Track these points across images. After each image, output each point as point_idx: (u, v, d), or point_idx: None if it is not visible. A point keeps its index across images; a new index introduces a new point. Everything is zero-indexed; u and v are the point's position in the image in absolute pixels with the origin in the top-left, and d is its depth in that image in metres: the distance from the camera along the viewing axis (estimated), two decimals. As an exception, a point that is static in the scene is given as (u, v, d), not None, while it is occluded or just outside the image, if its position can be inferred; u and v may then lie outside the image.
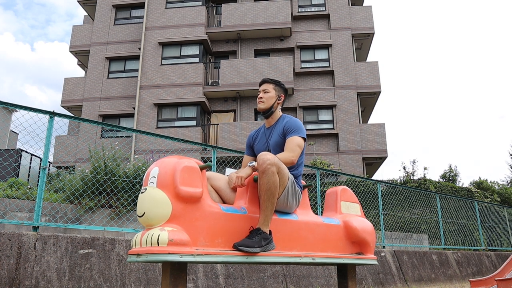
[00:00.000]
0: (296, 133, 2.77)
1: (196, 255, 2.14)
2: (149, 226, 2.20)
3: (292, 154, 2.67)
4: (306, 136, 2.91)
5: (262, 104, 2.90)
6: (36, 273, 3.44)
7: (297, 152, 2.70)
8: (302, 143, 2.76)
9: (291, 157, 2.66)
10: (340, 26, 18.60)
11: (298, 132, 2.77)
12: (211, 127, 17.56)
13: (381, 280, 6.47)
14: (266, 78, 3.02)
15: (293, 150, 2.69)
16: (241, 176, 2.51)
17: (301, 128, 2.81)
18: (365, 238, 3.00)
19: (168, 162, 2.29)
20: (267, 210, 2.43)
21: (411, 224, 10.47)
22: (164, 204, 2.16)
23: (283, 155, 2.64)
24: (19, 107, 4.03)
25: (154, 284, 4.05)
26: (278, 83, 2.98)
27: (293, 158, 2.67)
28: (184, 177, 2.22)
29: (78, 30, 19.72)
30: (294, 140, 2.73)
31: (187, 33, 18.08)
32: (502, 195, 15.98)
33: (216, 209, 2.35)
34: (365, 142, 16.94)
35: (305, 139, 2.82)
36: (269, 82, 2.96)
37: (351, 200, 3.29)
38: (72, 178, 7.01)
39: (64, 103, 18.50)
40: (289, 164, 2.65)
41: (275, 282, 5.02)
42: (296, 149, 2.70)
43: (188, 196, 2.21)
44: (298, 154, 2.70)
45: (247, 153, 3.07)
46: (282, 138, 2.82)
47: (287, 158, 2.63)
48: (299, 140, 2.75)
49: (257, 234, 2.39)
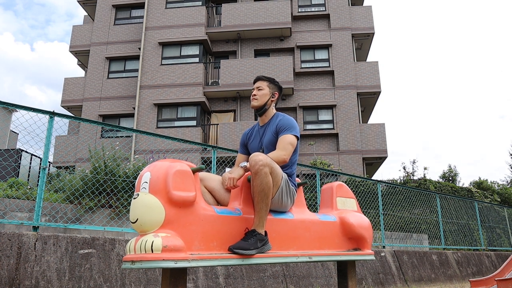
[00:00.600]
0: (288, 131, 2.73)
1: (191, 260, 2.11)
2: (142, 232, 2.16)
3: (284, 152, 2.63)
4: (300, 135, 2.88)
5: (256, 102, 2.88)
6: (36, 273, 3.44)
7: (289, 151, 2.66)
8: (294, 141, 2.72)
9: (283, 155, 2.62)
10: (340, 26, 18.60)
11: (290, 130, 2.74)
12: (211, 127, 17.56)
13: (381, 280, 6.47)
14: (260, 75, 2.99)
15: (285, 149, 2.65)
16: (233, 177, 2.49)
17: (294, 126, 2.77)
18: (362, 233, 2.98)
19: (160, 167, 2.24)
20: (262, 211, 2.40)
21: (411, 224, 10.47)
22: (157, 209, 2.13)
23: (274, 154, 2.61)
24: (19, 107, 4.03)
25: (154, 284, 4.05)
26: (272, 80, 2.95)
27: (285, 157, 2.63)
28: (176, 181, 2.18)
29: (78, 30, 19.72)
30: (286, 138, 2.70)
31: (187, 33, 18.08)
32: (502, 195, 15.97)
33: (210, 212, 2.32)
34: (365, 142, 16.94)
35: (298, 137, 2.78)
36: (263, 79, 2.93)
37: (347, 195, 3.26)
38: (72, 178, 7.01)
39: (64, 103, 18.50)
40: (281, 163, 2.62)
41: (275, 282, 5.02)
42: (288, 147, 2.66)
43: (181, 201, 2.17)
44: (290, 152, 2.67)
45: (241, 151, 3.03)
46: (275, 136, 2.78)
47: (279, 157, 2.60)
48: (292, 138, 2.71)
49: (252, 235, 2.36)
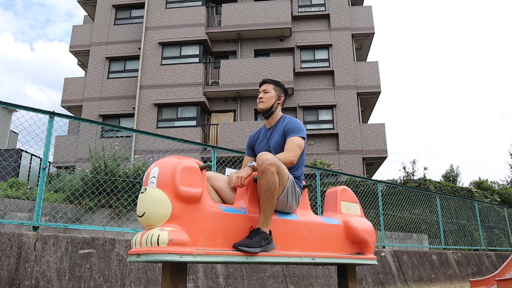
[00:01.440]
0: (296, 134, 2.77)
1: (196, 255, 2.14)
2: (149, 226, 2.20)
3: (292, 154, 2.67)
4: (306, 136, 2.92)
5: (262, 104, 2.91)
6: (36, 273, 3.44)
7: (297, 153, 2.70)
8: (302, 143, 2.77)
9: (291, 157, 2.66)
10: (340, 26, 18.60)
11: (298, 133, 2.78)
12: (211, 127, 17.56)
13: (381, 280, 6.47)
14: (266, 78, 3.04)
15: (293, 150, 2.69)
16: (241, 176, 2.52)
17: (302, 129, 2.82)
18: (365, 238, 3.00)
19: (168, 162, 2.28)
20: (267, 210, 2.43)
21: (411, 224, 10.47)
22: (164, 204, 2.16)
23: (283, 155, 2.64)
24: (19, 107, 4.03)
25: (154, 284, 4.05)
26: (278, 83, 2.99)
27: (293, 158, 2.67)
28: (184, 177, 2.22)
29: (78, 30, 19.72)
30: (294, 141, 2.74)
31: (187, 33, 18.08)
32: (502, 195, 15.97)
33: (216, 209, 2.35)
34: (365, 142, 16.94)
35: (305, 139, 2.83)
36: (269, 82, 2.97)
37: (351, 200, 3.29)
38: (72, 178, 7.01)
39: (64, 103, 18.50)
40: (289, 164, 2.65)
41: (275, 282, 5.01)
42: (296, 149, 2.71)
43: (188, 196, 2.20)
44: (298, 154, 2.71)
45: (248, 153, 3.08)
46: (282, 138, 2.82)
47: (287, 158, 2.64)
48: (299, 141, 2.75)
49: (257, 234, 2.39)
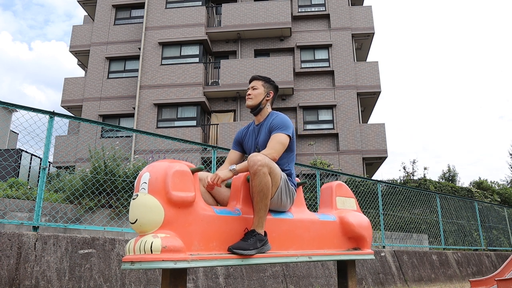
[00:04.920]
0: (280, 130, 2.71)
1: (190, 261, 2.11)
2: (142, 233, 2.16)
3: (272, 151, 2.61)
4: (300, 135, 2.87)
5: (250, 101, 2.87)
6: (36, 273, 3.44)
7: (278, 149, 2.64)
8: (285, 140, 2.69)
9: (270, 154, 2.59)
10: (340, 26, 18.60)
11: (282, 129, 2.71)
12: (211, 127, 17.56)
13: (381, 280, 6.47)
14: (256, 75, 3.00)
15: (273, 148, 2.62)
16: (219, 176, 2.44)
17: (287, 125, 2.74)
18: (362, 233, 2.99)
19: (159, 167, 2.23)
20: (261, 212, 2.40)
21: (411, 224, 10.46)
22: (156, 210, 2.12)
23: (263, 153, 2.57)
24: (19, 107, 4.03)
25: (154, 284, 4.05)
26: (267, 79, 2.94)
27: (274, 155, 2.60)
28: (175, 182, 2.18)
29: (78, 30, 19.71)
30: (276, 137, 2.68)
31: (187, 33, 18.08)
32: (502, 195, 15.96)
33: (210, 212, 2.31)
34: (365, 142, 16.93)
35: (291, 136, 2.75)
36: (258, 79, 2.93)
37: (347, 195, 3.26)
38: (72, 178, 7.01)
39: (64, 103, 18.49)
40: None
41: (275, 282, 5.01)
42: (277, 146, 2.64)
43: (180, 201, 2.17)
44: (278, 151, 2.64)
45: (234, 148, 3.00)
46: (269, 135, 2.75)
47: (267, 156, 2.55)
48: (282, 137, 2.68)
49: (252, 236, 2.36)
